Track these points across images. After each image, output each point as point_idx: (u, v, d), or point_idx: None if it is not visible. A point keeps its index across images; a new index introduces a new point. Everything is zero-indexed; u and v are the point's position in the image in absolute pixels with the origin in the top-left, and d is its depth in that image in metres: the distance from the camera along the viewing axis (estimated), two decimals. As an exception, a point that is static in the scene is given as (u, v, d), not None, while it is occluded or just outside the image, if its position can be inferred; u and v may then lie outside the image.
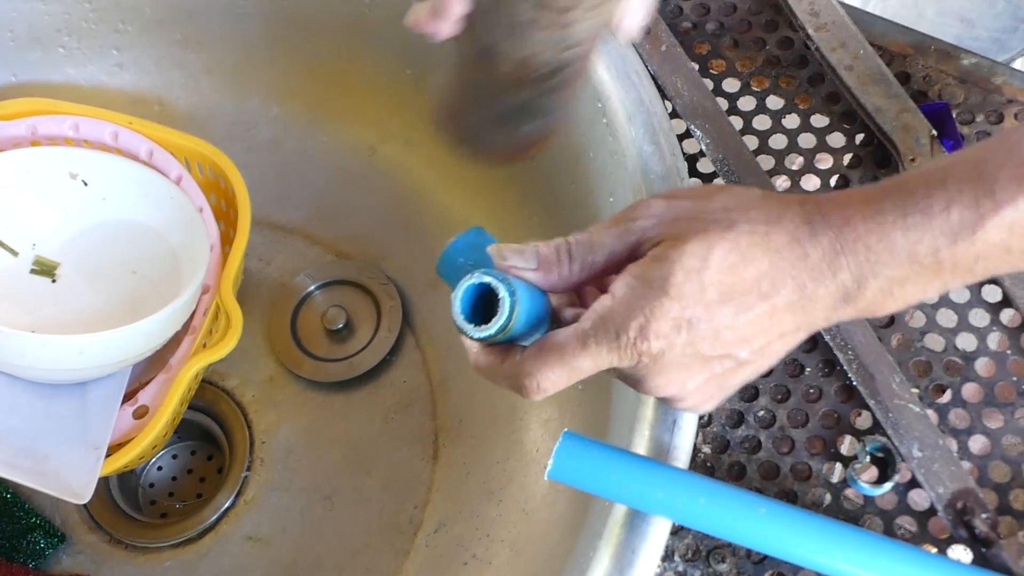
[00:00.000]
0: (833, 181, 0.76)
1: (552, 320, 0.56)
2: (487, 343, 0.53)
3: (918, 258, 0.49)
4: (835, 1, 0.80)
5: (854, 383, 0.67)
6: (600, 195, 0.79)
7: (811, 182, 0.76)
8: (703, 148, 0.76)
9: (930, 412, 0.66)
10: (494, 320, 0.50)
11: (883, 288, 0.50)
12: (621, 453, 0.61)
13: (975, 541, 0.62)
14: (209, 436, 0.97)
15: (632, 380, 0.54)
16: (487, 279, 0.51)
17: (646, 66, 0.79)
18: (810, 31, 0.80)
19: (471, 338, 0.51)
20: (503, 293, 0.50)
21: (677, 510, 0.60)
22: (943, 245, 0.48)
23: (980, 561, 0.62)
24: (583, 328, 0.51)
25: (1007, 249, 0.48)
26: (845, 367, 0.67)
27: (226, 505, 0.92)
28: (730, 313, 0.50)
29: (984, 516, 0.62)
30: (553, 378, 0.52)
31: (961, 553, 0.63)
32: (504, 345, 0.54)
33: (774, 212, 0.51)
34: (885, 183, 0.50)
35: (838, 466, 0.66)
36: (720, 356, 0.52)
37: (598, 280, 0.55)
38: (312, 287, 1.00)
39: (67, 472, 0.79)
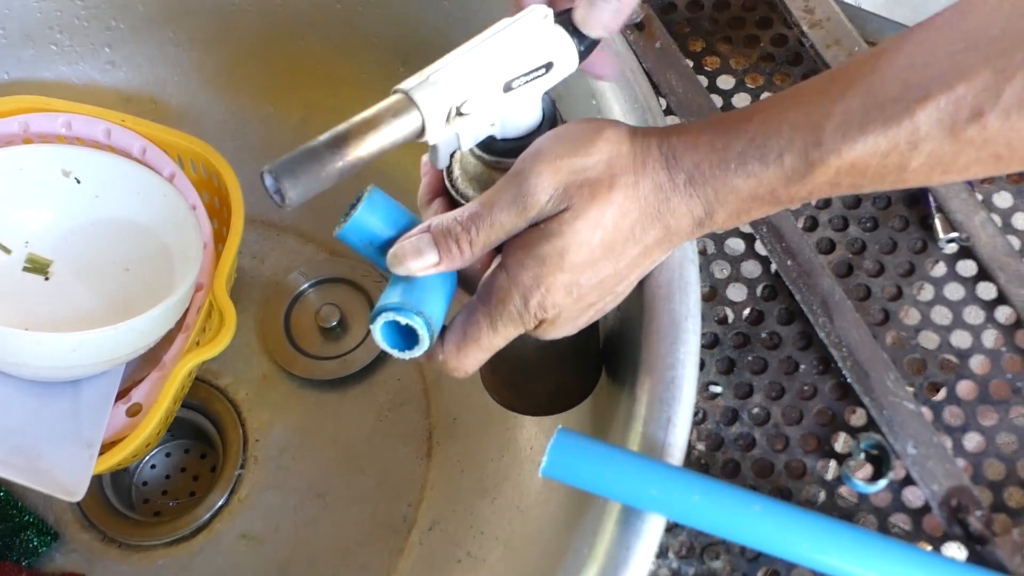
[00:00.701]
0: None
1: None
2: None
3: (758, 196, 0.55)
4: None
5: (848, 381, 0.67)
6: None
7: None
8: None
9: (925, 410, 0.66)
10: (417, 347, 0.58)
11: (731, 214, 0.57)
12: (615, 450, 0.61)
13: (969, 538, 0.62)
14: (202, 434, 0.97)
15: (528, 335, 0.61)
16: (401, 320, 0.57)
17: (640, 63, 0.79)
18: (805, 28, 0.80)
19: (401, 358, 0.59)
20: (421, 331, 0.57)
21: (672, 507, 0.60)
22: (779, 186, 0.55)
23: (974, 558, 0.62)
24: (489, 312, 0.58)
25: (835, 185, 0.54)
26: (840, 364, 0.67)
27: (220, 503, 0.92)
28: (611, 263, 0.57)
29: (978, 513, 0.62)
30: (474, 362, 0.60)
31: (955, 551, 0.63)
32: None
33: (639, 158, 0.57)
34: (729, 121, 0.56)
35: (832, 464, 0.66)
36: (602, 296, 0.59)
37: None
38: (305, 285, 1.00)
39: (60, 470, 0.78)
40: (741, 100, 0.79)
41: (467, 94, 0.57)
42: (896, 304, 0.70)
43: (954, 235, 0.71)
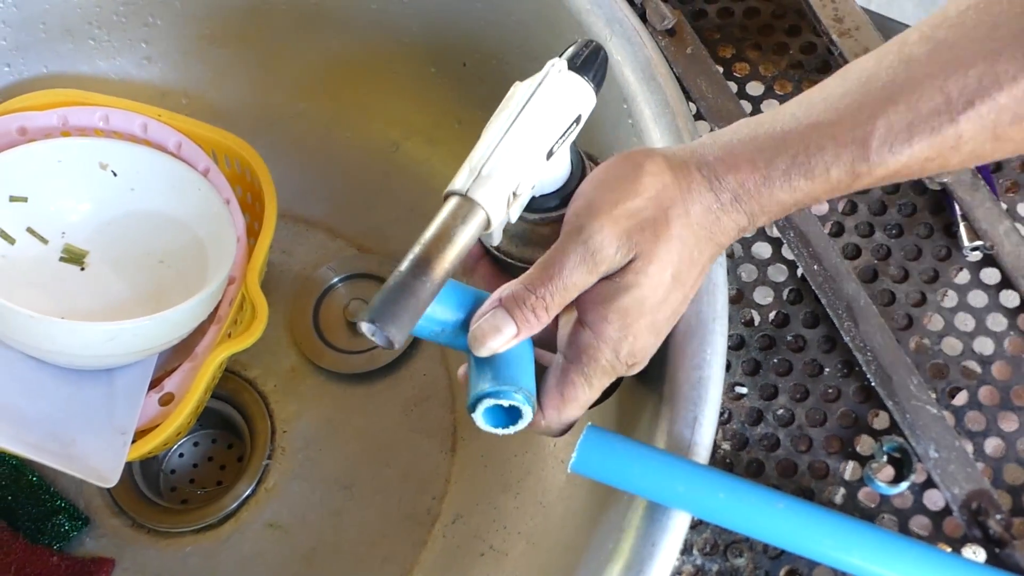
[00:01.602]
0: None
1: None
2: None
3: (801, 203, 0.58)
4: (859, 6, 0.82)
5: (872, 384, 0.68)
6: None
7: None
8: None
9: (947, 414, 0.67)
10: (521, 421, 0.60)
11: (771, 218, 0.59)
12: (643, 447, 0.62)
13: (989, 541, 0.63)
14: (230, 425, 0.99)
15: None
16: (504, 403, 0.59)
17: (672, 68, 0.80)
18: (834, 36, 0.81)
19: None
20: (524, 407, 0.59)
21: (697, 504, 0.61)
22: (822, 195, 0.57)
23: (993, 561, 0.63)
24: (582, 370, 0.60)
25: (876, 184, 0.57)
26: (864, 368, 0.69)
27: (247, 493, 0.93)
28: (680, 291, 0.60)
29: (998, 517, 0.63)
30: (574, 420, 0.63)
31: (975, 553, 0.64)
32: None
33: (683, 185, 0.58)
34: (763, 138, 0.57)
35: (855, 465, 0.67)
36: (675, 319, 0.62)
37: None
38: (335, 280, 1.02)
39: (94, 456, 0.80)
40: (770, 107, 0.80)
41: (519, 178, 0.58)
42: (920, 310, 0.71)
43: (978, 243, 0.72)
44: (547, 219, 0.64)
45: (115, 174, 0.91)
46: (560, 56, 0.62)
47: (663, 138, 0.75)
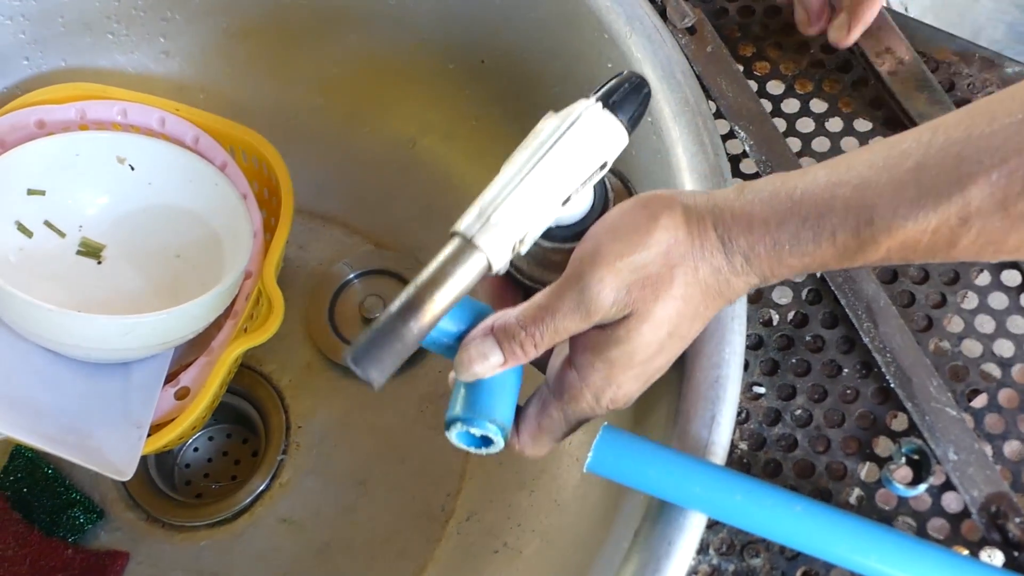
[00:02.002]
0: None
1: None
2: None
3: (810, 268, 0.57)
4: (881, 7, 0.81)
5: (891, 385, 0.68)
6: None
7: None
8: (747, 149, 0.77)
9: (966, 416, 0.67)
10: (493, 447, 0.61)
11: (783, 278, 0.58)
12: (659, 448, 0.62)
13: (1008, 544, 0.63)
14: (245, 419, 0.99)
15: None
16: (475, 431, 0.60)
17: (692, 66, 0.80)
18: (854, 36, 0.81)
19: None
20: (496, 437, 0.60)
21: (714, 505, 0.61)
22: (831, 262, 0.55)
23: (1011, 565, 0.63)
24: (562, 407, 0.61)
25: (886, 259, 0.55)
26: (883, 369, 0.68)
27: (261, 487, 0.93)
28: (679, 344, 0.60)
29: (1018, 520, 0.63)
30: (548, 449, 0.64)
31: (992, 557, 0.63)
32: None
33: (696, 243, 0.57)
34: (782, 196, 0.56)
35: (872, 466, 0.67)
36: (669, 365, 0.61)
37: None
38: (350, 276, 1.02)
39: (110, 449, 0.80)
40: (790, 105, 0.80)
41: (528, 226, 0.58)
42: (940, 311, 0.71)
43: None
44: (561, 249, 0.64)
45: (133, 168, 0.92)
46: (597, 91, 0.60)
47: (682, 137, 0.75)
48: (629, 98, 0.60)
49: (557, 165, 0.58)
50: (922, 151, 0.52)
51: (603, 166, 0.60)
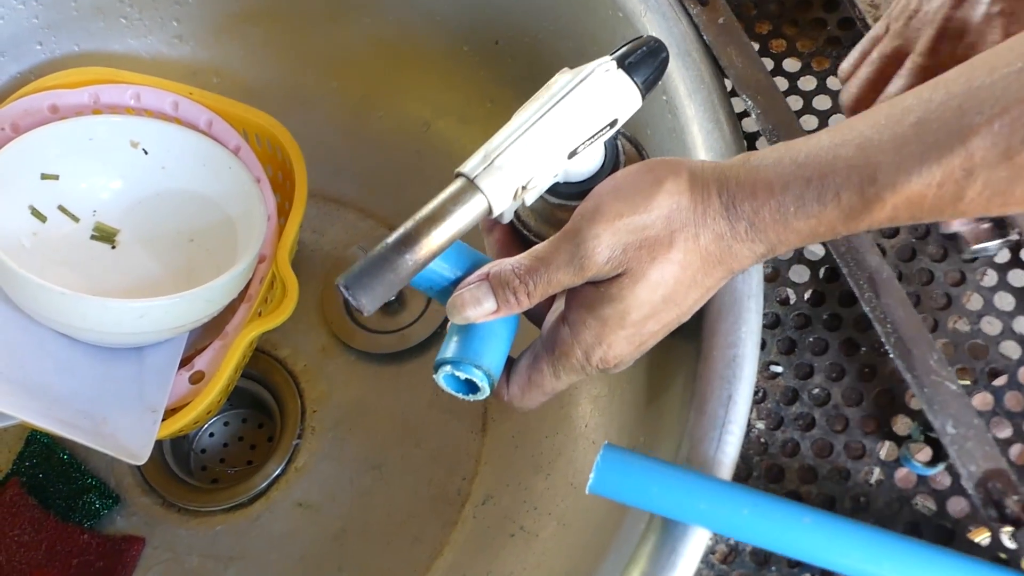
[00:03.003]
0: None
1: None
2: None
3: (818, 233, 0.55)
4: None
5: (891, 356, 0.67)
6: (657, 172, 0.79)
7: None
8: (754, 117, 0.75)
9: (986, 395, 0.66)
10: (480, 393, 0.62)
11: (791, 247, 0.57)
12: (662, 465, 0.61)
13: (1004, 520, 0.61)
14: (260, 404, 0.99)
15: None
16: (461, 375, 0.61)
17: (703, 37, 0.79)
18: (869, 12, 0.80)
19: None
20: (482, 383, 0.61)
21: (720, 522, 0.60)
22: (838, 224, 0.54)
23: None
24: (552, 362, 0.61)
25: (894, 219, 0.54)
26: (883, 340, 0.67)
27: (276, 472, 0.93)
28: (674, 310, 0.59)
29: (1016, 498, 0.61)
30: (537, 403, 0.65)
31: (1011, 538, 0.62)
32: None
33: (699, 209, 0.56)
34: (786, 162, 0.55)
35: (891, 445, 0.66)
36: (664, 333, 0.61)
37: None
38: (365, 260, 1.01)
39: (125, 434, 0.80)
40: (807, 83, 0.79)
41: (532, 172, 0.58)
42: (959, 289, 0.70)
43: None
44: (567, 206, 0.64)
45: (146, 152, 0.91)
46: (614, 52, 0.61)
47: (697, 114, 0.74)
48: (645, 61, 0.61)
49: (565, 117, 0.58)
50: (923, 107, 0.51)
51: (613, 123, 0.60)
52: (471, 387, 0.62)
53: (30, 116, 0.90)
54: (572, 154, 0.59)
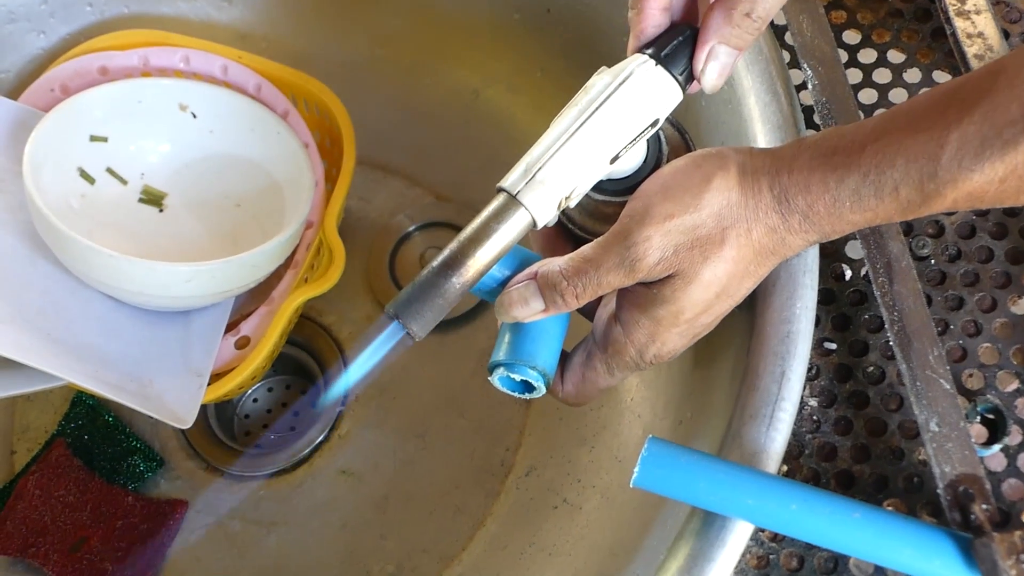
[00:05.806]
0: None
1: None
2: None
3: (874, 223, 0.55)
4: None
5: (891, 343, 0.65)
6: (712, 144, 0.78)
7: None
8: (810, 87, 0.74)
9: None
10: (535, 392, 0.62)
11: (844, 233, 0.56)
12: (707, 459, 0.60)
13: (968, 527, 0.60)
14: (304, 371, 0.99)
15: None
16: (516, 376, 0.61)
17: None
18: (933, -14, 0.78)
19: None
20: (537, 383, 0.61)
21: (768, 517, 0.59)
22: (895, 214, 0.54)
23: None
24: (606, 360, 0.62)
25: (952, 209, 0.53)
26: (887, 326, 0.65)
27: (320, 439, 0.93)
28: (728, 302, 0.59)
29: (984, 507, 0.60)
30: (591, 399, 0.66)
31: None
32: None
33: (750, 204, 0.56)
34: (841, 153, 0.54)
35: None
36: (716, 321, 0.61)
37: None
38: (411, 228, 1.01)
39: (171, 397, 0.80)
40: (867, 55, 0.77)
41: (574, 183, 0.57)
42: (1004, 292, 0.68)
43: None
44: (612, 202, 0.62)
45: (195, 116, 0.91)
46: (649, 46, 0.59)
47: (755, 86, 0.73)
48: (681, 51, 0.59)
49: (606, 124, 0.57)
50: (984, 98, 0.50)
51: (654, 123, 0.59)
52: (526, 387, 0.62)
53: (80, 78, 0.90)
54: (614, 159, 0.58)
